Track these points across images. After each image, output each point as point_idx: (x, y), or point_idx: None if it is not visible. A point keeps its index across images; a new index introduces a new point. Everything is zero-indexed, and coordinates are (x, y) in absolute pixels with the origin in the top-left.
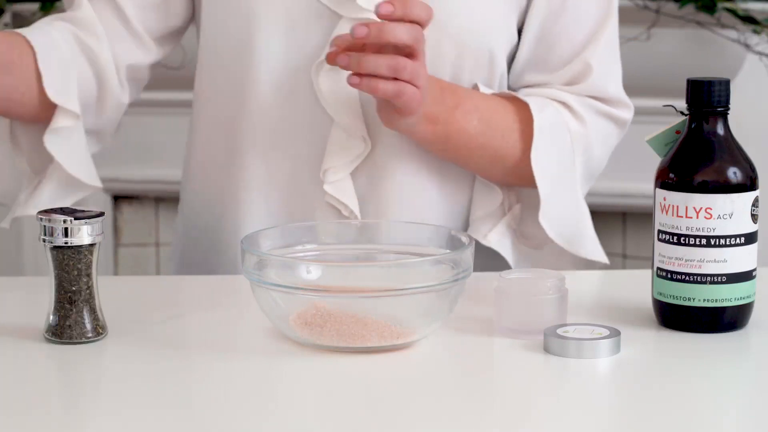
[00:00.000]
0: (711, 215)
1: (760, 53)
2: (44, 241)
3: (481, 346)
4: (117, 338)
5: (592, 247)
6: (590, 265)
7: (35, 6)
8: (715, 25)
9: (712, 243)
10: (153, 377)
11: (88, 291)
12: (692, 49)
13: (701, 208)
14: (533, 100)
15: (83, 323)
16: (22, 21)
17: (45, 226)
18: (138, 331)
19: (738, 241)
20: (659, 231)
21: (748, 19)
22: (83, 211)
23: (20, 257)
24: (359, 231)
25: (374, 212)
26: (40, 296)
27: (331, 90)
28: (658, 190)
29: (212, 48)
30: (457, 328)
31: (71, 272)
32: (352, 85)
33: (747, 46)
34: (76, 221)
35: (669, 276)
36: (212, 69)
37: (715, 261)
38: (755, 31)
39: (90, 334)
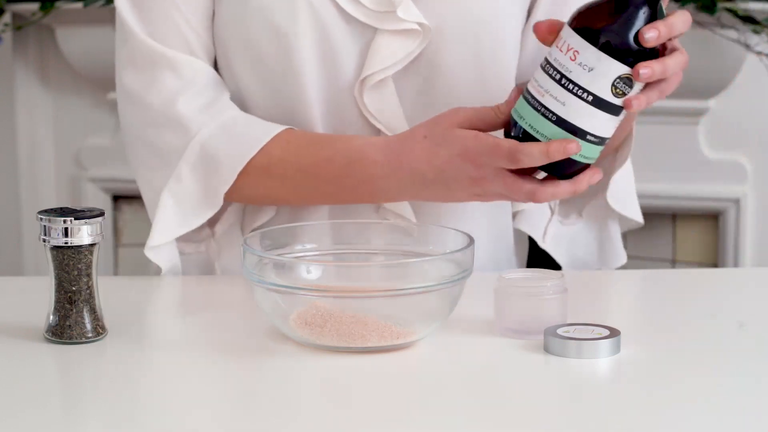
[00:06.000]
0: (575, 58)
1: (760, 53)
2: (44, 241)
3: (481, 346)
4: (117, 338)
5: (635, 207)
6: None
7: (35, 6)
8: (715, 25)
9: (561, 82)
10: (153, 377)
11: (88, 291)
12: (692, 49)
13: (571, 49)
14: None
15: (83, 323)
16: (22, 21)
17: (45, 226)
18: (138, 331)
19: (583, 95)
20: (546, 59)
21: (748, 19)
22: (83, 211)
23: (20, 257)
24: (359, 231)
25: (429, 221)
26: (40, 296)
27: (376, 105)
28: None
29: (251, 71)
30: (457, 328)
31: (71, 272)
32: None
33: (747, 46)
34: (76, 221)
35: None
36: (257, 90)
37: (555, 98)
38: (755, 31)
39: (90, 334)
